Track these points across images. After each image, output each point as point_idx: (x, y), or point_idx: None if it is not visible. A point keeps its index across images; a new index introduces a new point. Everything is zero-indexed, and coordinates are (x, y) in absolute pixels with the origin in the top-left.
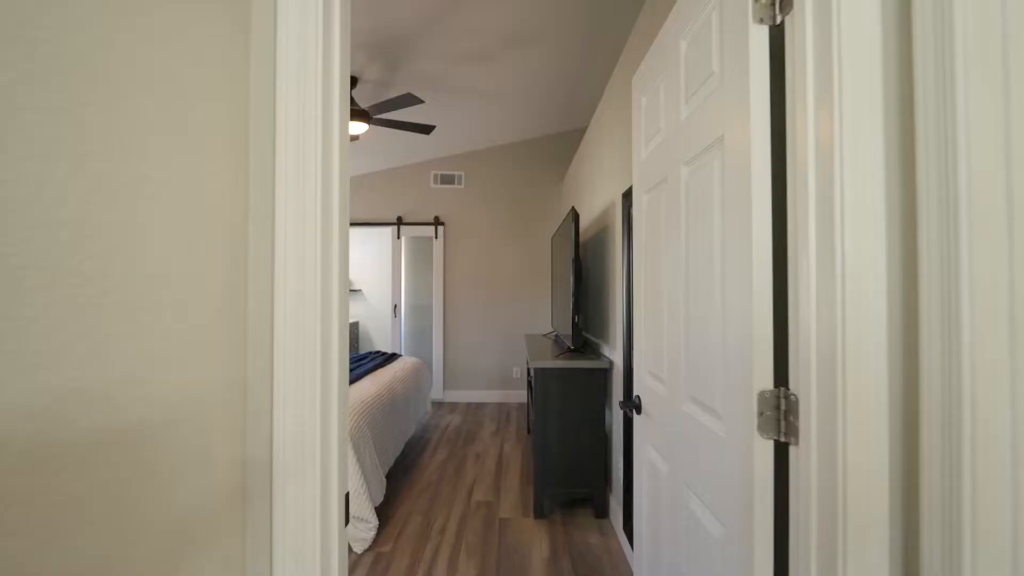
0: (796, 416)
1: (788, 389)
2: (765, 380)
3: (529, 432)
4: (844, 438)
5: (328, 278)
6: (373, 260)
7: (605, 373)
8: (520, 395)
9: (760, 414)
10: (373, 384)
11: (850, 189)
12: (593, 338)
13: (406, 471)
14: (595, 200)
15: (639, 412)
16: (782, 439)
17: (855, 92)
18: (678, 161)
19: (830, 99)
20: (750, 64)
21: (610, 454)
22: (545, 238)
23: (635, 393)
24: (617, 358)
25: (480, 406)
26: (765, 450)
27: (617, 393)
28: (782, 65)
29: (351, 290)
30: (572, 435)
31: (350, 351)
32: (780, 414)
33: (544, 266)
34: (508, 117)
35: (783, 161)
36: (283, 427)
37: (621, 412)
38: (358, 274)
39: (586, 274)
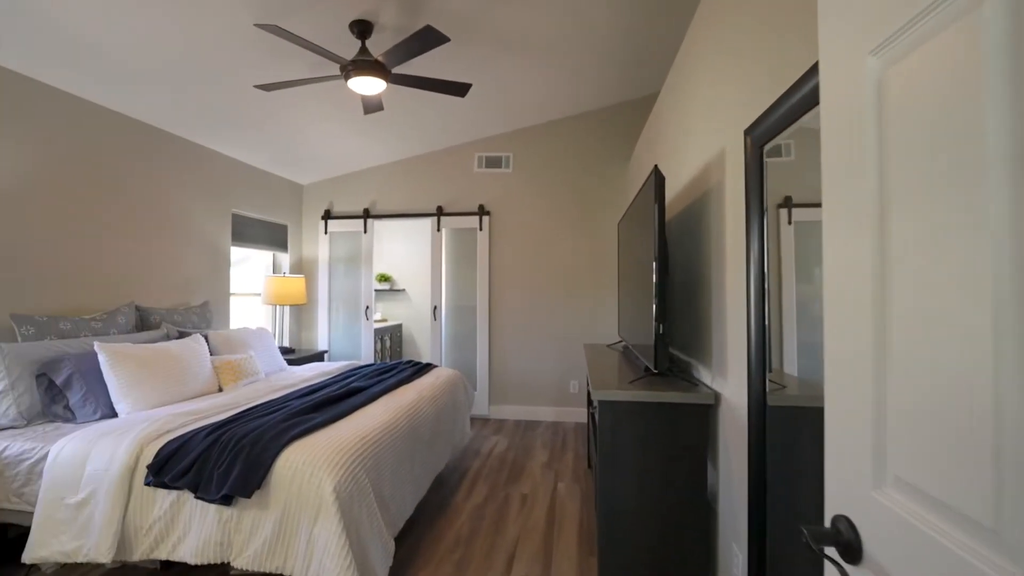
0: None
1: None
2: None
3: (590, 466)
4: None
5: None
6: (417, 256)
7: (707, 411)
8: (578, 413)
9: None
10: (385, 410)
11: None
12: (682, 355)
13: (432, 517)
14: (685, 161)
15: (854, 559)
16: None
17: None
18: None
19: None
20: None
21: (715, 531)
22: (608, 227)
23: (835, 511)
24: (729, 390)
25: (531, 425)
26: None
27: (732, 442)
28: None
29: (394, 290)
30: (655, 498)
31: (389, 358)
32: None
33: (608, 260)
34: (563, 80)
35: None
36: None
37: (735, 466)
38: (400, 272)
39: (672, 265)
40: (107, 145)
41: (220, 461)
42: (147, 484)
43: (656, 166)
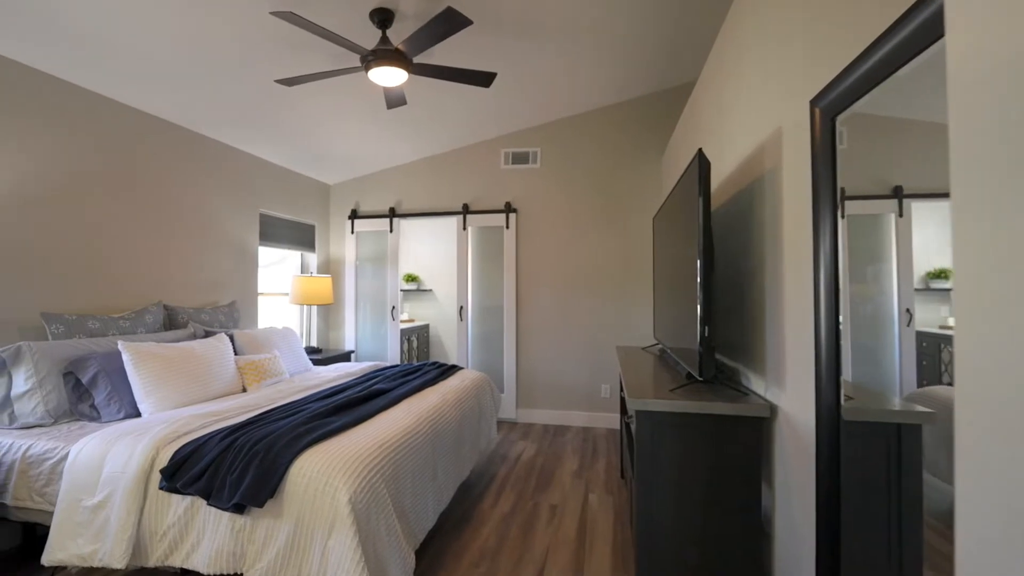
0: None
1: None
2: None
3: (623, 476)
4: None
5: None
6: (443, 256)
7: (760, 425)
8: (610, 419)
9: None
10: (407, 414)
11: None
12: (727, 361)
13: (456, 526)
14: (729, 148)
15: None
16: None
17: None
18: None
19: None
20: None
21: (770, 560)
22: (641, 223)
23: None
24: (788, 401)
25: (560, 430)
26: None
27: (793, 460)
28: None
29: (421, 290)
30: (699, 519)
31: (416, 359)
32: None
33: (641, 258)
34: (591, 69)
35: None
36: None
37: (795, 488)
38: (427, 272)
39: (718, 261)
40: (136, 145)
41: (233, 467)
42: (161, 488)
43: (700, 149)
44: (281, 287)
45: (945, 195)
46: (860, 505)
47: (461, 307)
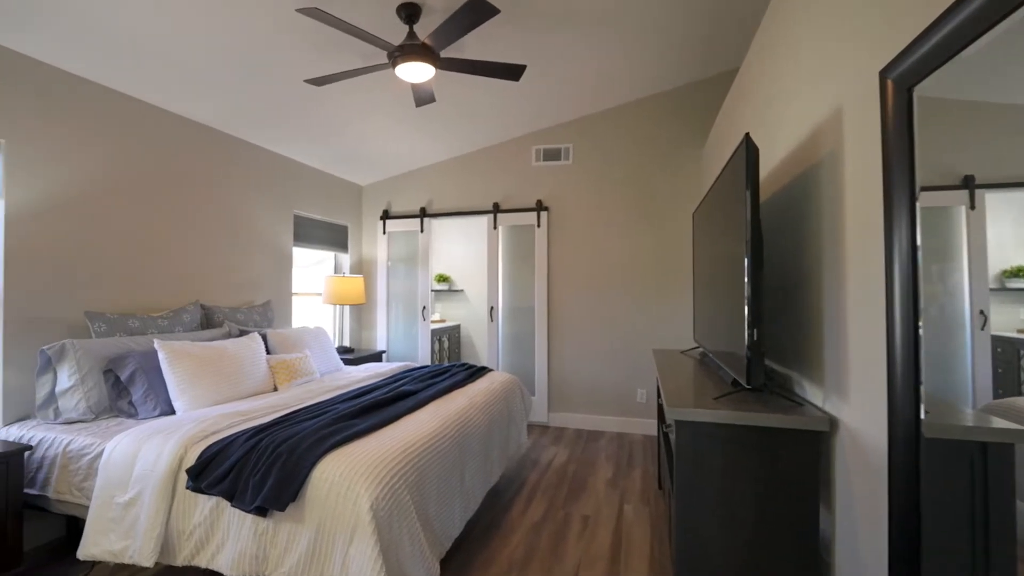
0: None
1: None
2: None
3: (660, 487)
4: None
5: None
6: (474, 256)
7: (818, 440)
8: (646, 425)
9: None
10: (433, 417)
11: None
12: (779, 367)
13: (484, 535)
14: (778, 134)
15: None
16: None
17: None
18: None
19: None
20: None
21: None
22: (679, 219)
23: None
24: (851, 414)
25: (594, 435)
26: None
27: (858, 480)
28: None
29: (452, 290)
30: (747, 542)
31: (447, 359)
32: None
33: (679, 256)
34: (626, 60)
35: None
36: None
37: (860, 512)
38: (458, 272)
39: (767, 258)
40: (174, 149)
41: (256, 469)
42: (187, 488)
43: (747, 134)
44: (316, 287)
45: None
46: (938, 534)
47: (491, 308)
